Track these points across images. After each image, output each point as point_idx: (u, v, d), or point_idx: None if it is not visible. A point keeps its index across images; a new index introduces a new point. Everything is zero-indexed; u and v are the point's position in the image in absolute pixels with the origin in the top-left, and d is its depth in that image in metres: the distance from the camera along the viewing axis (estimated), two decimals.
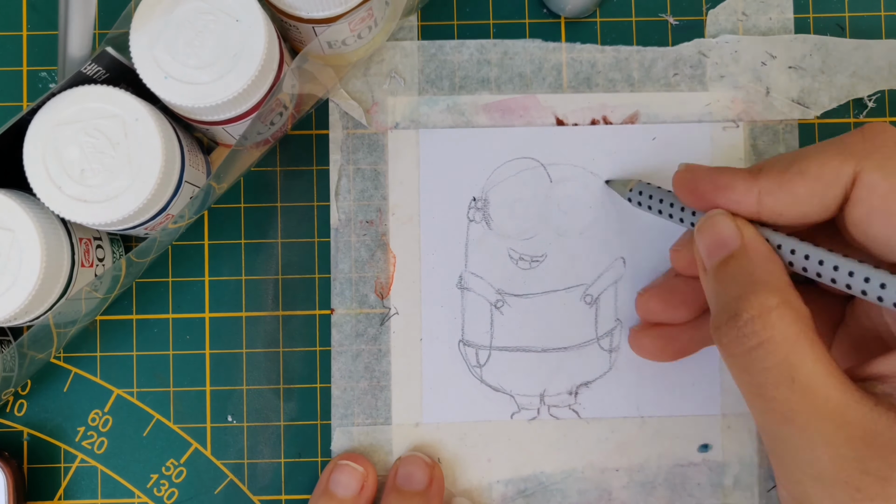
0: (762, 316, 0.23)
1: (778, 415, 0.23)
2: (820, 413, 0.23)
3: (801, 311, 0.24)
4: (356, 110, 0.34)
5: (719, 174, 0.26)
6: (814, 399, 0.23)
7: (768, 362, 0.23)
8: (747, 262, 0.25)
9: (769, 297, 0.24)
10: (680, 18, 0.35)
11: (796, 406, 0.23)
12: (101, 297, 0.31)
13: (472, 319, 0.33)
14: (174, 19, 0.28)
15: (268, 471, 0.33)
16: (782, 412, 0.23)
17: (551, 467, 0.33)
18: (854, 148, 0.24)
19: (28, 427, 0.33)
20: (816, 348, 0.23)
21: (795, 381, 0.23)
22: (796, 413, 0.23)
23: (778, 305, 0.23)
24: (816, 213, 0.25)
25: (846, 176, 0.24)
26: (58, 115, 0.27)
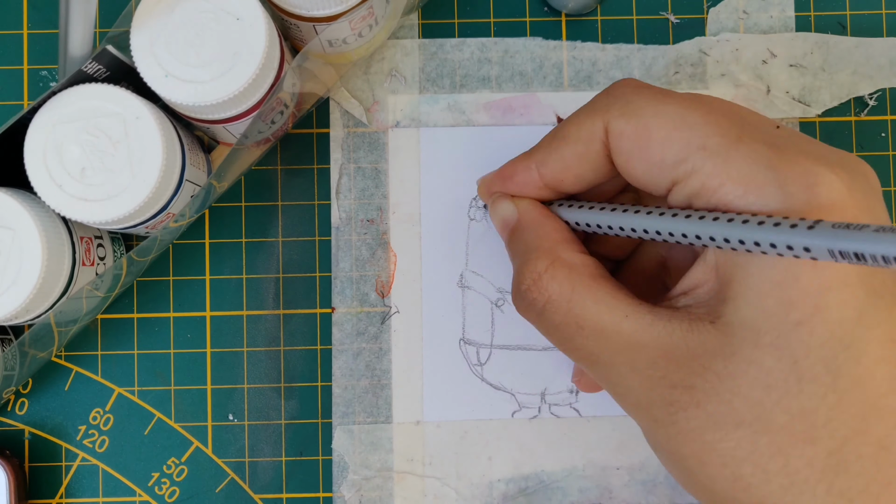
0: (536, 282, 0.25)
1: (585, 360, 0.25)
2: (617, 347, 0.24)
3: (574, 263, 0.25)
4: (357, 109, 0.34)
5: (504, 167, 0.29)
6: (607, 336, 0.24)
7: (556, 320, 0.25)
8: (522, 231, 0.27)
9: (539, 263, 0.25)
10: (681, 16, 0.35)
11: (594, 348, 0.24)
12: (102, 296, 0.31)
13: (473, 318, 0.33)
14: (175, 18, 0.28)
15: (269, 469, 0.33)
16: (587, 357, 0.25)
17: (552, 466, 0.33)
18: (600, 104, 0.26)
19: (29, 426, 0.33)
20: (596, 291, 0.24)
21: (584, 327, 0.24)
22: (597, 355, 0.24)
23: (547, 268, 0.25)
24: (592, 174, 0.26)
25: (599, 130, 0.25)
26: (58, 114, 0.27)
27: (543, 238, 0.26)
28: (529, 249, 0.26)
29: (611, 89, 0.26)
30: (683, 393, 0.22)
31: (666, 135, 0.24)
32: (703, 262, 0.23)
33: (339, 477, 0.33)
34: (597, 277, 0.25)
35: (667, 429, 0.23)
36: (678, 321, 0.23)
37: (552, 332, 0.25)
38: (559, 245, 0.26)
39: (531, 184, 0.27)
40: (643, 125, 0.24)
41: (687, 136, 0.23)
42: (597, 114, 0.25)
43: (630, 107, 0.25)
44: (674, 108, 0.24)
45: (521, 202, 0.28)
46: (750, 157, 0.22)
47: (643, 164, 0.24)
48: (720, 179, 0.22)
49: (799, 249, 0.19)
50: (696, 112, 0.24)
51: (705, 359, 0.22)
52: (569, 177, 0.27)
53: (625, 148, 0.25)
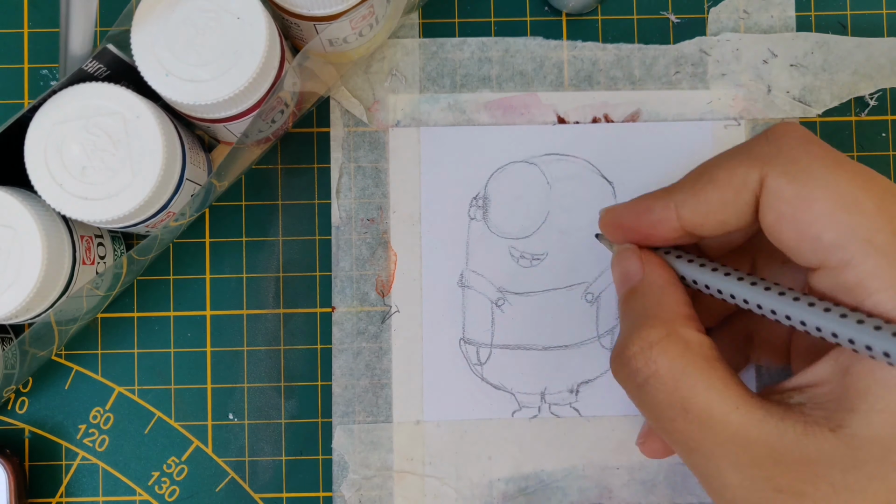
0: (644, 351, 0.24)
1: (682, 445, 0.23)
2: (721, 439, 0.22)
3: (690, 341, 0.23)
4: (357, 108, 0.34)
5: (637, 201, 0.27)
6: (712, 426, 0.22)
7: (659, 398, 0.23)
8: (642, 295, 0.25)
9: (652, 332, 0.24)
10: (681, 16, 0.35)
11: (696, 435, 0.23)
12: (103, 295, 0.31)
13: (473, 317, 0.33)
14: (175, 17, 0.28)
15: (269, 468, 0.33)
16: (685, 442, 0.23)
17: (552, 465, 0.33)
18: (759, 152, 0.24)
19: (29, 424, 0.33)
20: (709, 375, 0.23)
21: (689, 411, 0.23)
22: (698, 442, 0.23)
23: (661, 340, 0.23)
24: (735, 221, 0.24)
25: (753, 182, 0.23)
26: (59, 113, 0.27)
27: (664, 307, 0.25)
28: (647, 316, 0.24)
29: (773, 136, 0.24)
30: (790, 498, 0.21)
31: (830, 212, 0.21)
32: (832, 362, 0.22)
33: (339, 476, 0.33)
34: (711, 360, 0.23)
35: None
36: (792, 422, 0.22)
37: (651, 408, 0.24)
38: (679, 319, 0.24)
39: (667, 224, 0.25)
40: (807, 193, 0.22)
41: (855, 223, 0.21)
42: (755, 162, 0.23)
43: (796, 166, 0.22)
44: (846, 182, 0.22)
45: (650, 261, 0.26)
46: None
47: (796, 235, 0.22)
48: (881, 284, 0.21)
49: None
50: (870, 196, 0.21)
51: (821, 467, 0.21)
52: (711, 222, 0.24)
53: (779, 210, 0.22)
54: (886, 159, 0.35)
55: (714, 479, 0.23)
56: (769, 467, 0.21)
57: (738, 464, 0.22)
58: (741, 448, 0.22)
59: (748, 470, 0.22)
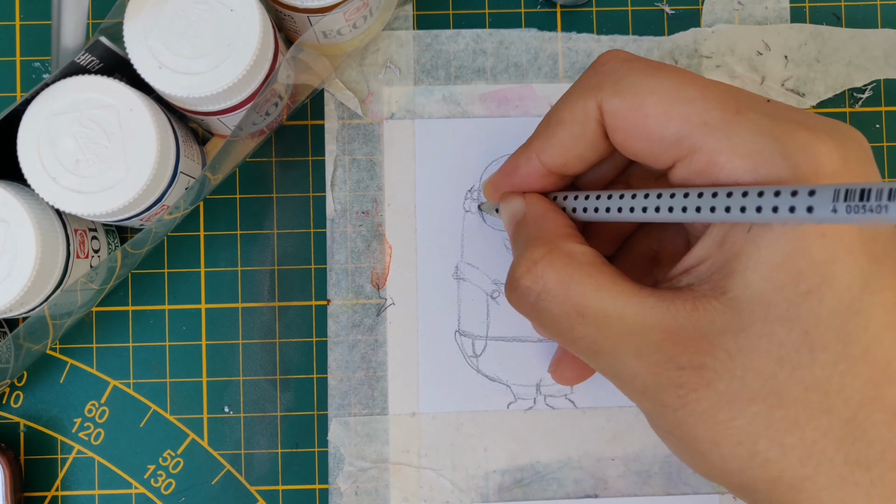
0: (531, 270, 0.25)
1: (586, 350, 0.24)
2: (620, 334, 0.23)
3: (573, 252, 0.25)
4: (351, 100, 0.34)
5: (505, 164, 0.28)
6: (609, 324, 0.23)
7: (553, 310, 0.24)
8: (525, 224, 0.27)
9: (535, 251, 0.25)
10: (676, 8, 0.35)
11: (596, 337, 0.23)
12: (97, 289, 0.31)
13: (469, 309, 0.34)
14: (168, 9, 0.27)
15: (265, 461, 0.33)
16: (588, 346, 0.24)
17: (547, 457, 0.33)
18: (590, 83, 0.25)
19: (24, 418, 0.33)
20: (596, 278, 0.24)
21: (584, 315, 0.23)
22: (599, 343, 0.23)
23: (544, 256, 0.24)
24: (593, 153, 0.26)
25: (593, 110, 0.25)
26: (52, 106, 0.27)
27: (544, 229, 0.26)
28: (529, 239, 0.26)
29: (598, 65, 0.25)
30: (693, 374, 0.22)
31: (663, 111, 0.23)
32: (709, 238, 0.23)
33: (334, 468, 0.33)
34: (597, 265, 0.24)
35: (676, 413, 0.22)
36: (682, 301, 0.22)
37: (549, 324, 0.25)
38: (559, 237, 0.25)
39: (534, 173, 0.27)
40: (638, 103, 0.23)
41: (686, 112, 0.23)
42: (589, 93, 0.25)
43: (622, 84, 0.24)
44: (668, 82, 0.23)
45: (530, 196, 0.27)
46: (753, 130, 0.22)
47: (642, 142, 0.24)
48: (727, 156, 0.22)
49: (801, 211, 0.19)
50: (692, 87, 0.23)
51: (714, 336, 0.22)
52: (570, 159, 0.26)
53: (621, 126, 0.24)
54: (880, 150, 0.35)
55: (622, 373, 0.23)
56: (668, 348, 0.22)
57: (640, 353, 0.23)
58: (640, 337, 0.23)
59: (650, 356, 0.22)
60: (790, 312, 0.21)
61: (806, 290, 0.21)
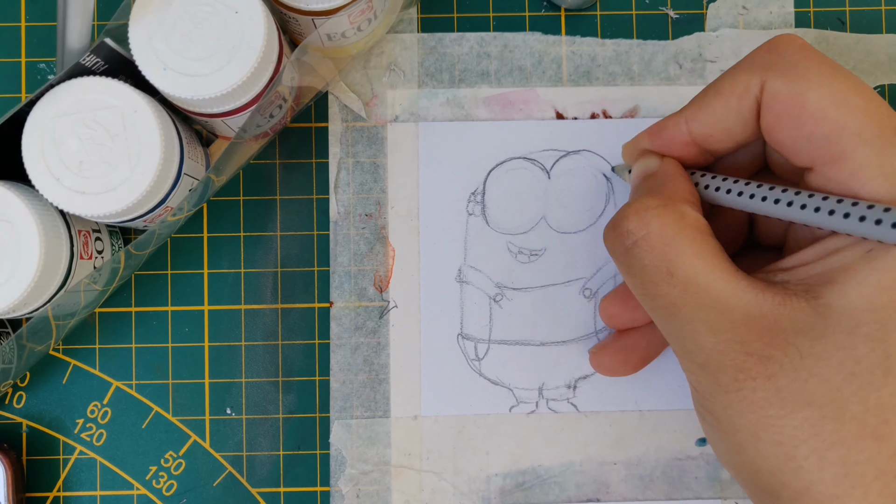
0: (639, 213, 0.24)
1: (663, 310, 0.24)
2: (701, 304, 0.23)
3: (686, 214, 0.24)
4: (355, 103, 0.34)
5: (653, 125, 0.28)
6: (695, 291, 0.23)
7: (646, 259, 0.24)
8: (652, 178, 0.27)
9: (651, 200, 0.25)
10: (680, 12, 0.35)
11: (677, 299, 0.23)
12: (100, 290, 0.31)
13: (471, 313, 0.33)
14: (173, 11, 0.27)
15: (266, 463, 0.33)
16: (666, 307, 0.24)
17: (549, 460, 0.33)
18: (760, 60, 0.25)
19: (27, 419, 0.33)
20: (698, 244, 0.24)
21: (674, 275, 0.23)
22: (678, 306, 0.23)
23: (658, 206, 0.24)
24: (741, 130, 0.26)
25: (755, 87, 0.24)
26: (56, 107, 0.27)
27: (668, 187, 0.26)
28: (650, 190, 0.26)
29: (774, 45, 0.25)
30: (758, 362, 0.22)
31: (823, 110, 0.23)
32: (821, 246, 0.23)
33: (336, 471, 0.33)
34: (704, 233, 0.24)
35: (728, 395, 0.22)
36: (772, 293, 0.22)
37: (636, 272, 0.24)
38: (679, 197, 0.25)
39: (679, 139, 0.27)
40: (802, 92, 0.23)
41: (845, 118, 0.23)
42: (756, 69, 0.24)
43: (793, 70, 0.24)
44: (838, 84, 0.23)
45: (665, 158, 0.27)
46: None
47: (791, 132, 0.24)
48: (872, 172, 0.22)
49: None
50: (859, 96, 0.23)
51: (791, 334, 0.22)
52: (717, 131, 0.26)
53: (777, 110, 0.24)
54: None
55: (689, 340, 0.23)
56: (743, 332, 0.22)
57: (714, 328, 0.23)
58: (719, 313, 0.23)
59: (723, 334, 0.22)
60: (879, 334, 0.21)
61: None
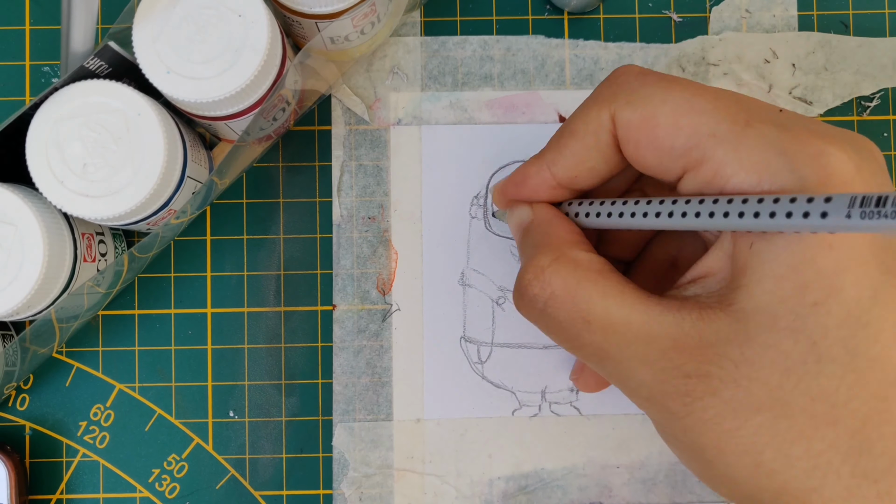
0: (538, 277, 0.25)
1: (594, 357, 0.24)
2: (626, 340, 0.23)
3: (579, 260, 0.25)
4: (359, 106, 0.34)
5: (515, 172, 0.28)
6: (615, 330, 0.23)
7: (560, 316, 0.24)
8: (532, 232, 0.27)
9: (542, 258, 0.25)
10: (683, 15, 0.35)
11: (602, 344, 0.23)
12: (104, 292, 0.31)
13: (474, 316, 0.33)
14: (177, 14, 0.28)
15: (269, 466, 0.33)
16: (595, 353, 0.24)
17: (552, 464, 0.33)
18: (604, 94, 0.25)
19: (30, 421, 0.33)
20: (602, 285, 0.24)
21: (591, 322, 0.24)
22: (606, 350, 0.24)
23: (551, 263, 0.25)
24: (605, 166, 0.26)
25: (606, 121, 0.25)
26: (60, 110, 0.27)
27: (551, 236, 0.26)
28: (537, 246, 0.26)
29: (613, 78, 0.26)
30: (699, 382, 0.22)
31: (674, 122, 0.23)
32: (718, 250, 0.23)
33: (339, 474, 0.33)
34: (604, 272, 0.24)
35: (683, 420, 0.22)
36: (688, 310, 0.23)
37: (557, 331, 0.25)
38: (566, 244, 0.26)
39: (544, 185, 0.27)
40: (650, 113, 0.24)
41: (695, 123, 0.23)
42: (602, 104, 0.25)
43: (635, 95, 0.24)
44: (680, 94, 0.24)
45: (538, 205, 0.28)
46: (760, 143, 0.22)
47: (652, 153, 0.24)
48: (733, 168, 0.22)
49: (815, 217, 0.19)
50: (703, 98, 0.23)
51: (719, 346, 0.22)
52: (582, 171, 0.26)
53: (633, 137, 0.24)
54: (889, 159, 0.35)
55: (629, 380, 0.24)
56: (674, 356, 0.22)
57: (646, 360, 0.23)
58: (646, 345, 0.23)
59: (656, 363, 0.23)
60: (796, 323, 0.21)
61: (812, 301, 0.21)
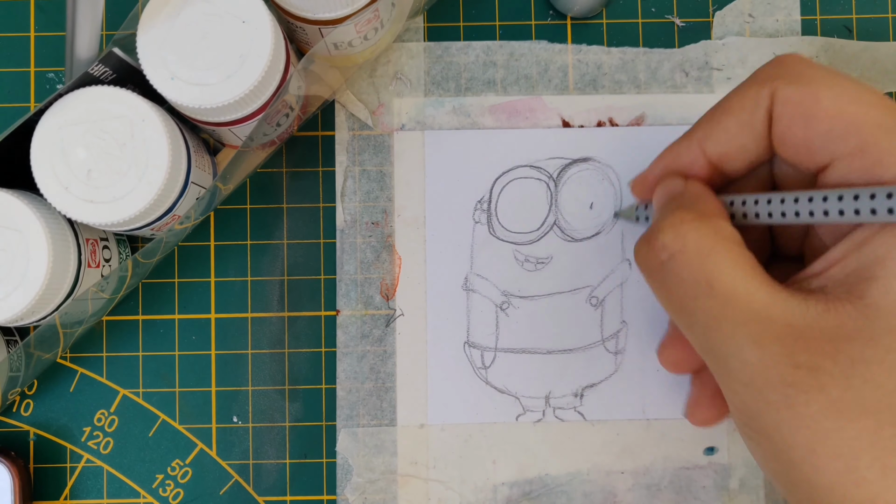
0: (675, 226, 0.24)
1: (703, 326, 0.23)
2: (744, 316, 0.22)
3: (720, 227, 0.24)
4: (362, 112, 0.34)
5: (663, 154, 0.27)
6: (736, 303, 0.22)
7: (684, 273, 0.23)
8: (681, 196, 0.26)
9: (686, 214, 0.24)
10: (686, 20, 0.35)
11: (718, 313, 0.22)
12: (108, 298, 0.31)
13: (478, 321, 0.33)
14: (181, 20, 0.28)
15: (273, 471, 0.33)
16: (706, 322, 0.23)
17: (556, 469, 0.33)
18: (767, 74, 0.25)
19: (34, 427, 0.33)
20: (736, 256, 0.23)
21: (714, 287, 0.23)
22: (720, 320, 0.23)
23: (693, 219, 0.24)
24: (755, 146, 0.25)
25: (765, 99, 0.24)
26: (65, 116, 0.27)
27: (700, 204, 0.25)
28: (682, 206, 0.25)
29: (779, 60, 0.25)
30: (807, 375, 0.21)
31: (838, 106, 0.23)
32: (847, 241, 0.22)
33: (342, 479, 0.33)
34: (741, 246, 0.24)
35: (779, 412, 0.21)
36: (814, 300, 0.22)
37: (673, 287, 0.24)
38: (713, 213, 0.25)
39: (695, 163, 0.26)
40: (813, 92, 0.23)
41: (862, 112, 0.22)
42: (764, 82, 0.24)
43: (801, 76, 0.24)
44: (848, 84, 0.23)
45: (690, 180, 0.27)
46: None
47: (806, 133, 0.23)
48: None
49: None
50: (871, 92, 0.23)
51: (840, 341, 0.21)
52: (733, 149, 0.25)
53: (788, 113, 0.24)
54: None
55: (733, 357, 0.22)
56: (790, 344, 0.21)
57: (758, 341, 0.22)
58: (763, 325, 0.22)
59: (769, 347, 0.22)
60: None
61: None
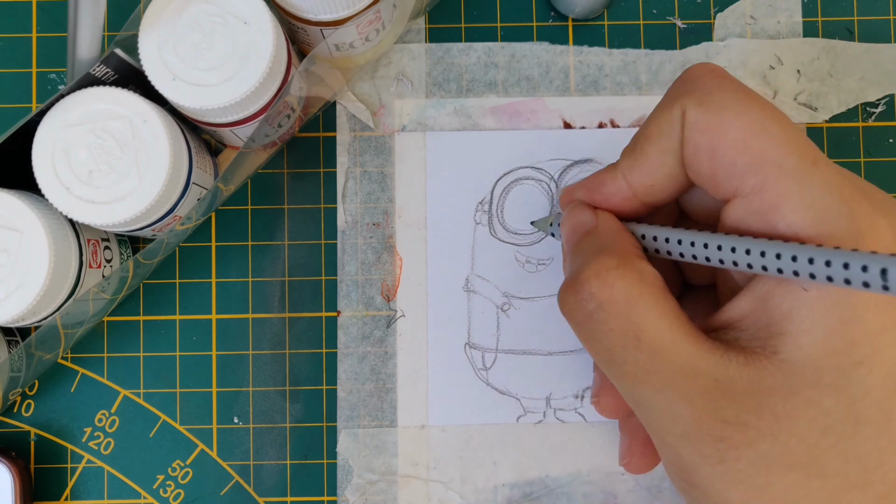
0: (600, 275, 0.23)
1: (632, 378, 0.23)
2: (672, 370, 0.22)
3: (644, 272, 0.23)
4: (363, 113, 0.34)
5: (589, 179, 0.27)
6: (664, 356, 0.22)
7: (611, 324, 0.23)
8: (597, 236, 0.25)
9: (609, 260, 0.23)
10: (688, 22, 0.35)
11: (647, 365, 0.22)
12: (109, 298, 0.31)
13: (479, 322, 0.33)
14: (183, 21, 0.28)
15: (273, 472, 0.33)
16: (635, 374, 0.23)
17: (557, 471, 0.33)
18: (677, 91, 0.24)
19: (35, 427, 0.33)
20: (661, 304, 0.23)
21: (642, 339, 0.22)
22: (648, 373, 0.22)
23: (617, 266, 0.23)
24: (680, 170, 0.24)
25: (678, 119, 0.23)
26: (66, 117, 0.27)
27: (618, 244, 0.25)
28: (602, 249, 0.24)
29: (688, 75, 0.24)
30: (736, 430, 0.21)
31: (743, 140, 0.22)
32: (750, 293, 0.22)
33: (343, 480, 0.33)
34: (664, 292, 0.23)
35: (713, 467, 0.21)
36: (734, 353, 0.22)
37: (601, 338, 0.23)
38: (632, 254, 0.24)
39: (619, 194, 0.26)
40: (720, 122, 0.23)
41: (765, 148, 0.22)
42: (675, 101, 0.24)
43: (709, 98, 0.23)
44: (756, 112, 0.22)
45: (601, 212, 0.26)
46: (825, 185, 0.21)
47: (711, 163, 0.23)
48: (792, 204, 0.21)
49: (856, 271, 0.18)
50: (777, 125, 0.22)
51: (763, 396, 0.21)
52: (659, 179, 0.25)
53: (695, 140, 0.23)
54: (893, 165, 0.35)
55: (664, 411, 0.22)
56: (716, 399, 0.21)
57: (688, 395, 0.22)
58: (691, 379, 0.22)
59: (697, 401, 0.22)
60: (840, 381, 0.20)
61: (858, 359, 0.20)
